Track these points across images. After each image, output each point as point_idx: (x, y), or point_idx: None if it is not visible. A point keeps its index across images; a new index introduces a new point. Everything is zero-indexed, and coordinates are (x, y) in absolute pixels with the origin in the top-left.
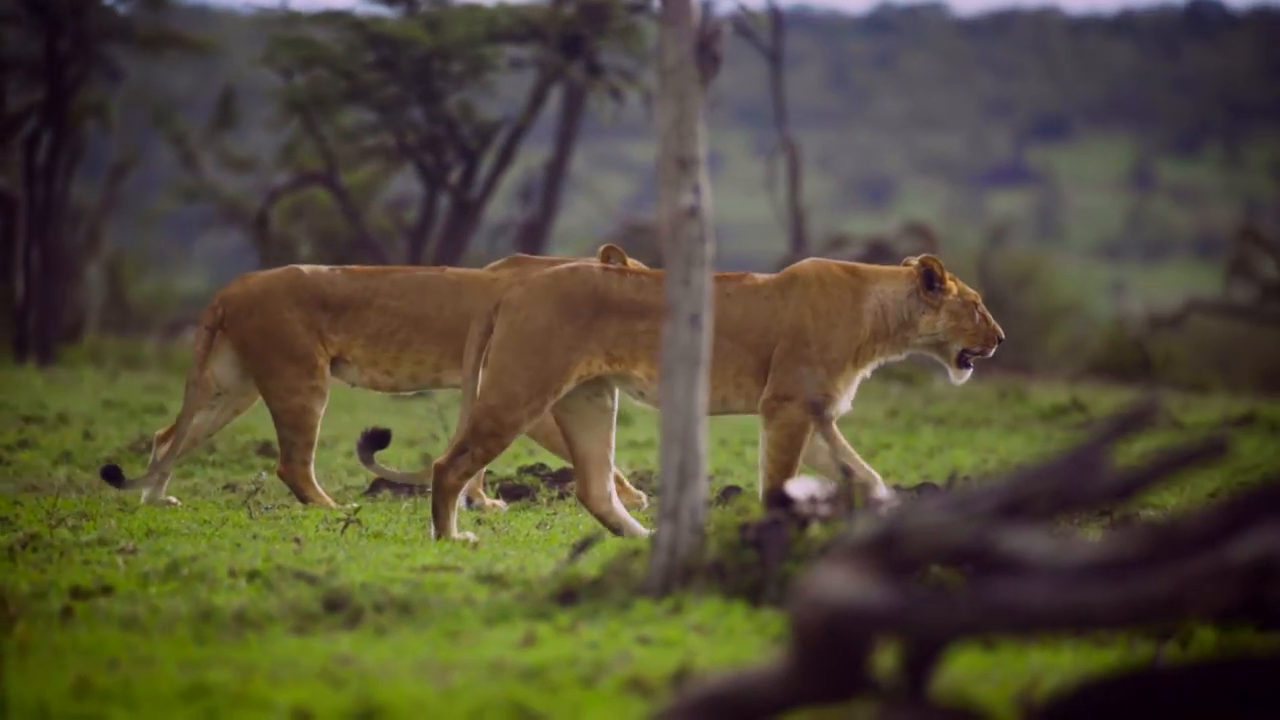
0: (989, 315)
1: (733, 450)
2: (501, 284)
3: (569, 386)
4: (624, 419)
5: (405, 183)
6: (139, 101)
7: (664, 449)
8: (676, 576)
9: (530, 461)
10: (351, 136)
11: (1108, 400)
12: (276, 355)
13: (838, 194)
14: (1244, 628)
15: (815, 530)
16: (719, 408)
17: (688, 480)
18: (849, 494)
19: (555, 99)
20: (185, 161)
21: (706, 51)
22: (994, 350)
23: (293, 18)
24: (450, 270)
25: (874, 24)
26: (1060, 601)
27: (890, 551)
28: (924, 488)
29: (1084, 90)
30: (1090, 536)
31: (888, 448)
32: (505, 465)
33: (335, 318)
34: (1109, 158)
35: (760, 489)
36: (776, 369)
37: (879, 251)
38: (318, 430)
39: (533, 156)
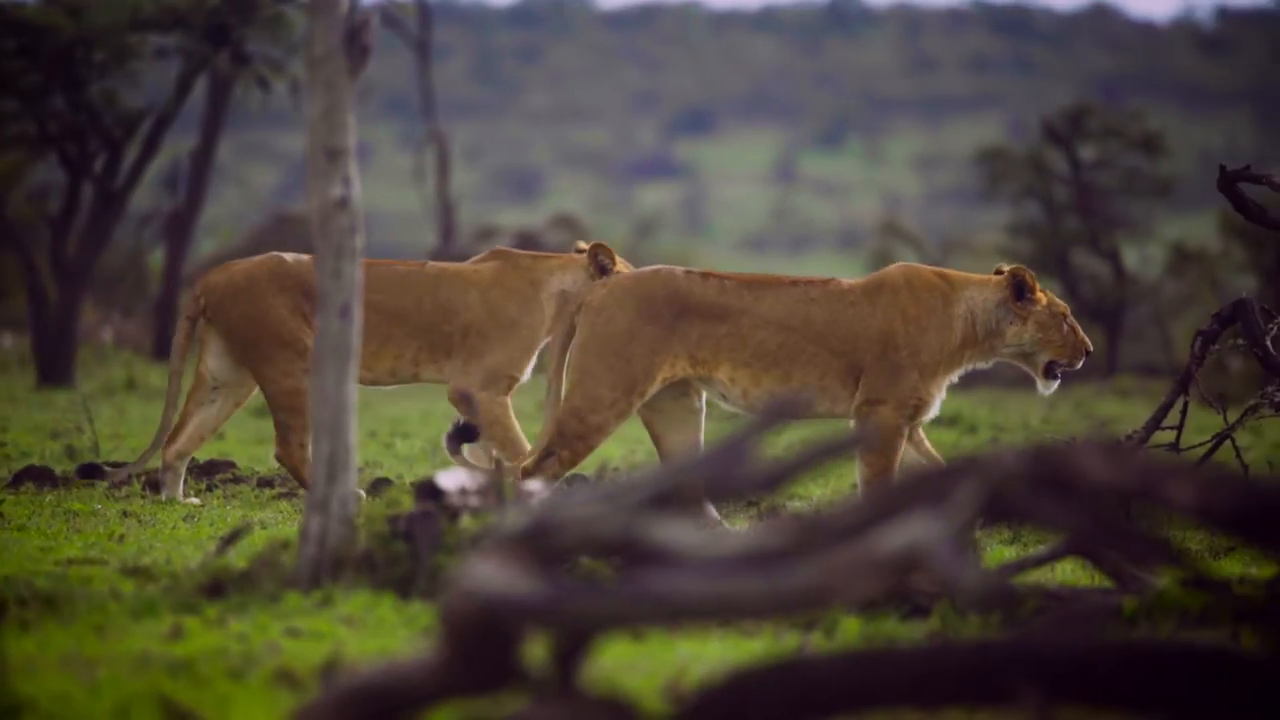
0: (1077, 327)
1: (382, 442)
2: (479, 277)
3: (654, 388)
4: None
5: (48, 171)
6: None
7: (315, 441)
8: (326, 569)
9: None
10: None
11: None
12: (266, 340)
13: (486, 186)
14: (887, 617)
15: (466, 522)
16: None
17: (338, 472)
18: (500, 485)
19: (201, 88)
20: None
21: (355, 42)
22: (1082, 362)
23: None
24: (430, 264)
25: (520, 16)
26: (708, 592)
27: (541, 543)
28: (574, 479)
29: (728, 84)
30: (738, 527)
31: None
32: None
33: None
34: (753, 151)
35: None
36: (868, 374)
37: (528, 243)
38: None
39: (178, 146)
